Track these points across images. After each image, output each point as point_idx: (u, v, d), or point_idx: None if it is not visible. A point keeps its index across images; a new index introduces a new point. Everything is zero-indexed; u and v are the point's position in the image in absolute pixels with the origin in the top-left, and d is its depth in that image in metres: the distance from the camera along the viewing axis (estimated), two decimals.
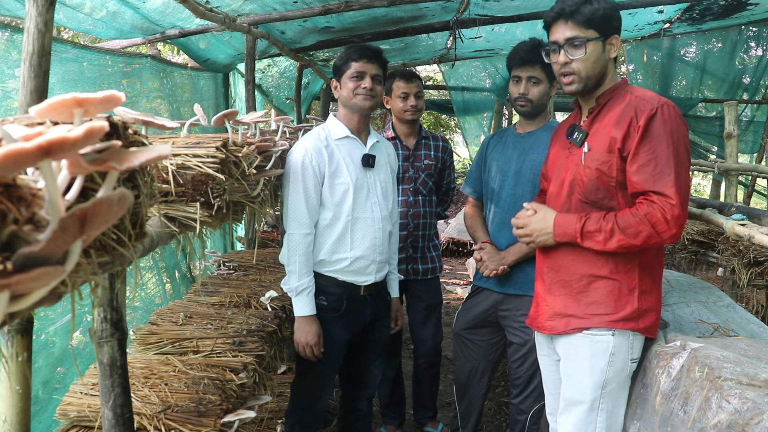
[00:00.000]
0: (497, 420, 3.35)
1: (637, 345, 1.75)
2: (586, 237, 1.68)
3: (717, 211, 2.33)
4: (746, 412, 1.28)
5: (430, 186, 2.94)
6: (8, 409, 0.97)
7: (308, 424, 2.26)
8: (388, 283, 2.38)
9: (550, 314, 1.84)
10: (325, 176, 2.11)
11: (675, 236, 1.60)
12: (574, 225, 1.70)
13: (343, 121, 2.20)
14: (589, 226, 1.67)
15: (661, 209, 1.57)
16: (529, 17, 3.99)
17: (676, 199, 1.57)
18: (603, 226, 1.64)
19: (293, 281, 2.10)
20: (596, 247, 1.67)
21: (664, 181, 1.58)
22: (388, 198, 2.28)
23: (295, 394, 2.28)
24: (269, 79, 5.26)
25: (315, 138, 2.14)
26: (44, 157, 0.53)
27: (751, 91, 6.11)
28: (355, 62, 2.12)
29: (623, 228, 1.61)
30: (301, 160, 2.08)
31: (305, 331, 2.10)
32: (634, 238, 1.60)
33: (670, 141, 1.61)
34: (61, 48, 2.47)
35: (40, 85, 1.13)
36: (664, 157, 1.59)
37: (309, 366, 2.17)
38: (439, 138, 3.04)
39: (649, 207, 1.59)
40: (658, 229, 1.58)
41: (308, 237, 2.11)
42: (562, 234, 1.74)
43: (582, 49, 1.69)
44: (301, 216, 2.09)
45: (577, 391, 1.78)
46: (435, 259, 2.98)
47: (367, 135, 2.23)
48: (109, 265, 0.92)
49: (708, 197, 6.46)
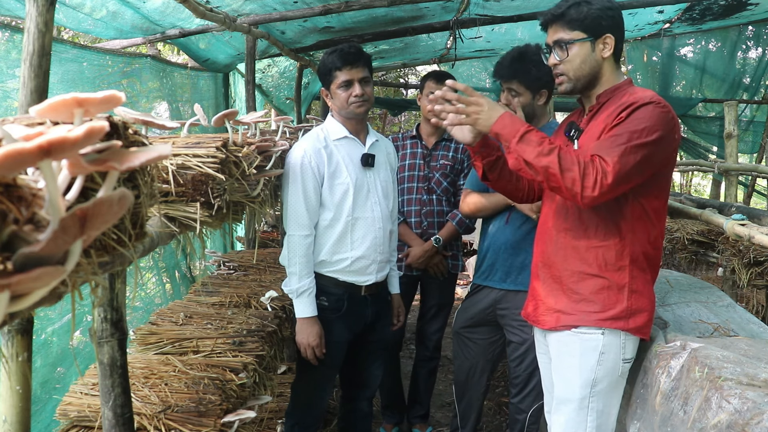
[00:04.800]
0: (497, 420, 3.35)
1: (630, 345, 1.74)
2: (523, 141, 1.60)
3: (717, 211, 2.34)
4: (746, 412, 1.28)
5: (444, 186, 2.95)
6: (8, 409, 0.97)
7: (308, 425, 2.26)
8: (389, 280, 2.38)
9: (543, 309, 1.84)
10: (325, 177, 2.11)
11: (593, 200, 1.55)
12: (520, 125, 1.63)
13: (340, 122, 2.19)
14: (532, 135, 1.60)
15: (596, 169, 1.53)
16: (529, 17, 3.99)
17: (611, 167, 1.52)
18: (545, 143, 1.58)
19: (294, 283, 2.10)
20: (526, 156, 1.59)
21: (611, 151, 1.55)
22: (388, 197, 2.28)
23: (295, 394, 2.28)
24: (269, 79, 5.26)
25: (314, 139, 2.14)
26: (44, 157, 0.53)
27: (751, 91, 6.10)
28: (339, 71, 2.09)
29: (561, 156, 1.56)
30: (300, 161, 2.07)
31: (307, 333, 2.09)
32: (562, 172, 1.54)
33: (640, 128, 1.58)
34: (61, 48, 2.47)
35: (40, 85, 1.13)
36: (625, 136, 1.57)
37: (309, 366, 2.17)
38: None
39: (591, 161, 1.56)
40: (585, 183, 1.53)
41: (308, 238, 2.11)
42: (503, 126, 1.63)
43: (566, 51, 1.72)
44: (301, 217, 2.09)
45: (567, 389, 1.77)
46: (450, 258, 2.99)
47: (365, 134, 2.23)
48: (109, 265, 0.92)
49: (708, 197, 6.47)
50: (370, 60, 2.17)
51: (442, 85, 2.84)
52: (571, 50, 1.71)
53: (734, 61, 5.87)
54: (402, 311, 2.47)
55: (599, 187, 1.53)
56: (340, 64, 2.08)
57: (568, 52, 1.71)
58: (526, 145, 1.60)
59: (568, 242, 1.77)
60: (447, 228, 2.89)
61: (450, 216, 2.90)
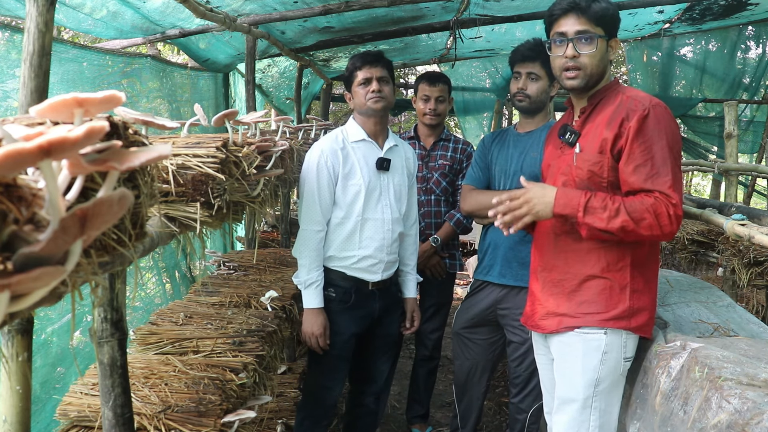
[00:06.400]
0: (497, 420, 3.35)
1: (631, 344, 1.75)
2: (588, 212, 1.61)
3: (717, 211, 2.33)
4: (746, 412, 1.28)
5: (443, 186, 2.95)
6: (8, 409, 0.97)
7: (318, 418, 2.30)
8: (405, 283, 2.45)
9: (544, 313, 1.84)
10: (339, 177, 2.19)
11: (673, 233, 1.61)
12: (578, 198, 1.63)
13: (360, 125, 2.26)
14: (594, 202, 1.62)
15: (665, 205, 1.57)
16: (529, 17, 3.99)
17: (676, 198, 1.58)
18: (609, 205, 1.60)
19: (303, 274, 2.20)
20: (597, 224, 1.60)
21: (662, 180, 1.59)
22: (401, 201, 2.33)
23: (306, 387, 2.37)
24: (269, 79, 5.26)
25: (332, 140, 2.22)
26: (45, 157, 0.53)
27: (751, 91, 6.10)
28: (359, 70, 2.20)
29: (630, 210, 1.58)
30: (317, 160, 2.17)
31: (311, 322, 2.18)
32: (638, 224, 1.58)
33: (665, 141, 1.61)
34: (61, 48, 2.47)
35: (40, 85, 1.13)
36: (660, 157, 1.60)
37: (320, 357, 2.24)
38: (460, 141, 3.05)
39: (654, 200, 1.59)
40: (661, 222, 1.57)
41: (320, 233, 2.20)
42: (563, 205, 1.64)
43: (593, 44, 1.68)
44: (315, 213, 2.18)
45: (570, 389, 1.78)
46: (448, 258, 2.99)
47: (384, 138, 2.29)
48: (109, 265, 0.92)
49: (708, 197, 6.46)
50: (392, 65, 2.28)
51: (435, 86, 2.87)
52: (598, 44, 1.68)
53: (734, 61, 5.87)
54: (417, 315, 2.51)
55: (675, 218, 1.58)
56: (360, 64, 2.20)
57: (596, 45, 1.68)
58: (593, 215, 1.62)
59: (568, 245, 1.77)
60: (445, 228, 2.89)
61: (447, 216, 2.90)
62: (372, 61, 2.20)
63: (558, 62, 1.75)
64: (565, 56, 1.71)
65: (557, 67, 1.77)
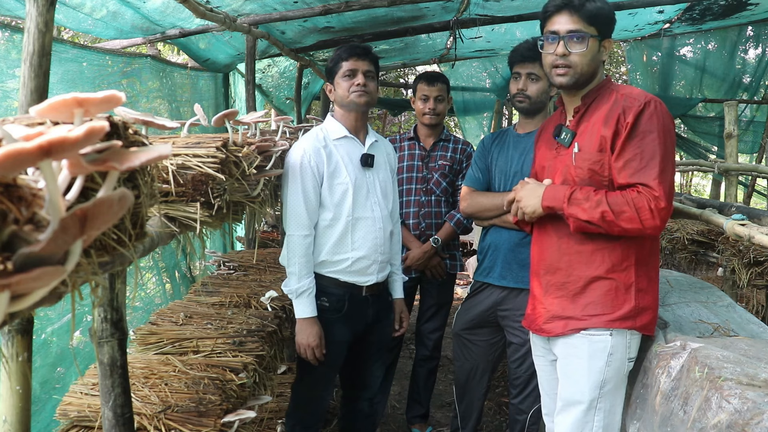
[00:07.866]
0: (497, 420, 3.35)
1: (634, 344, 1.75)
2: (572, 203, 1.67)
3: (717, 211, 2.33)
4: (746, 412, 1.28)
5: (443, 186, 2.95)
6: (8, 409, 0.97)
7: (309, 425, 2.26)
8: (391, 284, 2.37)
9: (548, 317, 1.83)
10: (324, 176, 2.10)
11: (657, 228, 1.61)
12: (563, 191, 1.70)
13: (340, 121, 2.18)
14: (578, 194, 1.67)
15: (647, 199, 1.58)
16: (529, 17, 3.99)
17: (659, 190, 1.58)
18: (591, 196, 1.65)
19: (293, 283, 2.09)
20: (580, 215, 1.65)
21: (649, 173, 1.60)
22: (388, 197, 2.27)
23: (295, 395, 2.27)
24: (269, 79, 5.26)
25: (313, 138, 2.13)
26: (45, 157, 0.53)
27: (751, 91, 6.10)
28: (345, 61, 2.11)
29: (610, 202, 1.61)
30: (299, 161, 2.07)
31: (306, 333, 2.09)
32: (617, 216, 1.60)
33: (656, 136, 1.61)
34: (61, 48, 2.47)
35: (40, 85, 1.13)
36: (650, 151, 1.61)
37: (309, 367, 2.17)
38: (460, 141, 3.05)
39: (636, 194, 1.60)
40: (642, 216, 1.58)
41: (308, 238, 2.10)
42: (550, 198, 1.73)
43: (584, 43, 1.68)
44: (301, 217, 2.08)
45: (576, 391, 1.78)
46: (448, 259, 2.99)
47: (365, 134, 2.22)
48: (109, 265, 0.92)
49: (708, 197, 6.46)
50: (378, 60, 2.19)
51: (434, 86, 2.87)
52: (589, 44, 1.69)
53: (734, 61, 5.87)
54: (405, 316, 2.45)
55: (657, 212, 1.58)
56: (347, 55, 2.11)
57: (587, 44, 1.68)
58: (576, 206, 1.66)
59: (572, 247, 1.76)
60: (445, 229, 2.89)
61: (447, 217, 2.90)
62: (360, 54, 2.10)
63: (548, 59, 1.75)
64: (555, 54, 1.71)
65: (547, 64, 1.77)
